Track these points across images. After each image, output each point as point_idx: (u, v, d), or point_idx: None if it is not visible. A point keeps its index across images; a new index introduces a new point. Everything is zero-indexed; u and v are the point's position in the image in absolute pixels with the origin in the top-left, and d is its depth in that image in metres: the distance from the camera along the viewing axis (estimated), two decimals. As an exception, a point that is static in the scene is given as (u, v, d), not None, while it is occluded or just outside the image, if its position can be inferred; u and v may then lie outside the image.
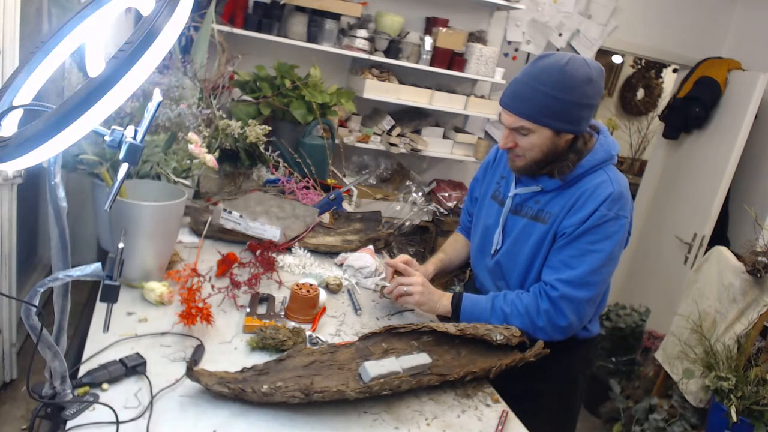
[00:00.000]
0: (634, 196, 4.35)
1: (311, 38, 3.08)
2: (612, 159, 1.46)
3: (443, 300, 1.52)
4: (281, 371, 1.13)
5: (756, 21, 3.86)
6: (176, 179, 1.63)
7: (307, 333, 1.35)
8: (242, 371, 1.11)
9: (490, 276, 1.61)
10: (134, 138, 0.78)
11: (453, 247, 1.82)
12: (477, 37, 3.48)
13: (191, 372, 1.05)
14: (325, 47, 3.06)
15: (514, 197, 1.53)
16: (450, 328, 1.33)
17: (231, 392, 1.05)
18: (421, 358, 1.24)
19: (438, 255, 1.81)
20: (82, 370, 1.07)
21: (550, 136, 1.38)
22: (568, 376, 1.61)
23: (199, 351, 1.20)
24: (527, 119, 1.36)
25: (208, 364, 1.19)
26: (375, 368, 1.16)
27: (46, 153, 0.71)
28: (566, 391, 1.63)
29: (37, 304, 0.87)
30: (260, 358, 1.25)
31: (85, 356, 1.12)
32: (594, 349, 1.71)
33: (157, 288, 1.36)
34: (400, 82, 3.33)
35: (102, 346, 1.16)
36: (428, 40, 3.26)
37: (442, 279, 3.63)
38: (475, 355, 1.35)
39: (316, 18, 3.06)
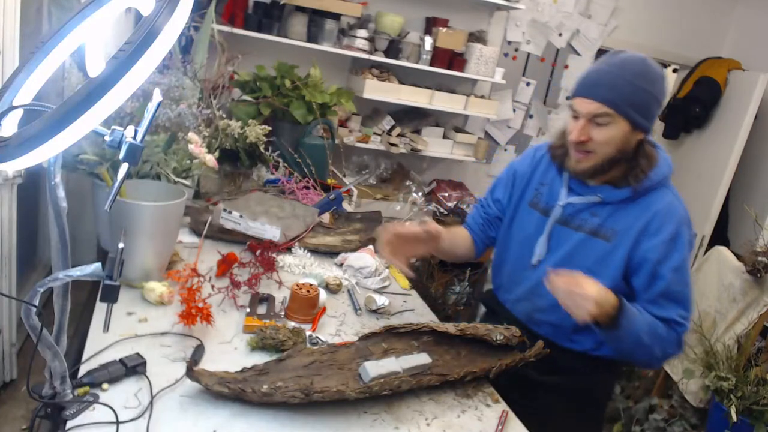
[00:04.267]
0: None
1: (311, 38, 3.08)
2: (671, 175, 1.38)
3: (608, 304, 1.24)
4: (281, 371, 1.13)
5: (756, 21, 3.86)
6: (176, 179, 1.63)
7: (307, 333, 1.35)
8: (242, 371, 1.11)
9: (528, 289, 1.47)
10: (134, 138, 0.78)
11: (456, 234, 1.63)
12: (477, 37, 3.48)
13: (191, 372, 1.05)
14: (325, 47, 3.06)
15: (565, 207, 1.42)
16: (450, 328, 1.33)
17: (231, 392, 1.05)
18: (421, 358, 1.23)
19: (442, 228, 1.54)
20: (82, 370, 1.07)
21: (627, 131, 1.29)
22: (588, 399, 1.50)
23: (199, 351, 1.20)
24: (610, 106, 1.27)
25: (208, 364, 1.19)
26: (375, 368, 1.16)
27: (46, 153, 0.71)
28: (584, 416, 1.52)
29: (37, 304, 0.87)
30: (260, 358, 1.25)
31: (85, 356, 1.12)
32: (616, 373, 1.60)
33: (157, 288, 1.36)
34: (400, 82, 3.33)
35: (102, 346, 1.16)
36: (428, 40, 3.26)
37: (442, 279, 3.64)
38: (474, 355, 1.35)
39: (316, 18, 3.07)
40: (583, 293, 1.20)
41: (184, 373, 1.07)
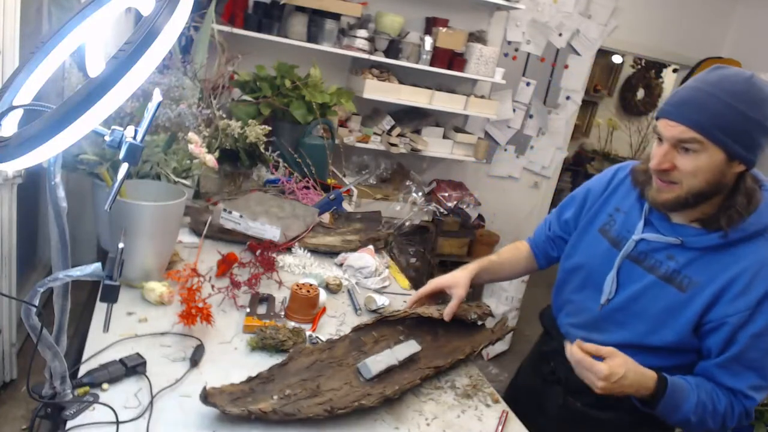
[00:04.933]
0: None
1: (311, 38, 3.08)
2: None
3: (642, 385, 1.14)
4: (286, 376, 1.13)
5: (756, 21, 3.87)
6: (176, 179, 1.63)
7: (307, 333, 1.35)
8: (248, 381, 1.09)
9: (588, 321, 1.34)
10: (134, 138, 0.78)
11: (512, 255, 1.57)
12: (477, 37, 3.48)
13: (206, 398, 1.00)
14: (325, 47, 3.06)
15: (639, 242, 1.25)
16: (434, 313, 1.40)
17: (251, 415, 1.01)
18: (412, 346, 1.29)
19: (489, 257, 1.55)
20: (82, 370, 1.07)
21: (720, 161, 1.08)
22: None
23: (199, 351, 1.20)
24: (698, 130, 1.07)
25: (208, 364, 1.19)
26: (374, 365, 1.18)
27: (46, 153, 0.71)
28: None
29: (37, 304, 0.87)
30: (260, 358, 1.25)
31: (85, 356, 1.12)
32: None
33: (157, 288, 1.36)
34: (400, 82, 3.33)
35: (102, 346, 1.16)
36: (428, 40, 3.26)
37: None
38: (451, 334, 1.42)
39: (316, 18, 3.07)
40: (594, 371, 1.11)
41: (200, 399, 1.00)
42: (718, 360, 1.17)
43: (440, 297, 1.49)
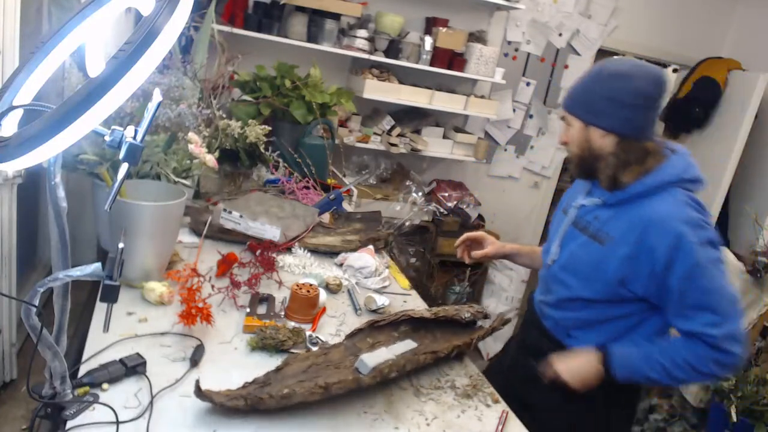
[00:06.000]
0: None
1: (311, 38, 3.08)
2: (680, 182, 1.31)
3: (591, 367, 1.34)
4: (282, 380, 1.12)
5: (756, 21, 3.87)
6: (176, 179, 1.63)
7: (307, 333, 1.35)
8: (244, 386, 1.09)
9: (542, 284, 1.56)
10: (134, 138, 0.78)
11: (535, 251, 1.74)
12: (477, 37, 3.48)
13: (200, 393, 1.01)
14: (325, 47, 3.06)
15: (579, 208, 1.46)
16: (425, 313, 1.41)
17: (247, 404, 1.02)
18: (408, 344, 1.30)
19: (528, 246, 1.78)
20: (82, 370, 1.07)
21: (580, 128, 1.36)
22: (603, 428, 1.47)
23: (199, 351, 1.20)
24: (566, 108, 1.39)
25: (208, 363, 1.19)
26: (371, 359, 1.18)
27: (46, 153, 0.71)
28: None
29: (37, 304, 0.87)
30: (260, 358, 1.25)
31: (85, 356, 1.12)
32: (636, 399, 1.55)
33: (157, 288, 1.36)
34: (400, 82, 3.33)
35: (102, 346, 1.16)
36: (428, 40, 3.26)
37: (442, 279, 3.64)
38: (449, 335, 1.43)
39: (316, 18, 3.07)
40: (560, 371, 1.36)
41: (194, 394, 1.01)
42: (671, 311, 1.31)
43: (480, 246, 1.72)
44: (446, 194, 3.59)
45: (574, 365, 1.36)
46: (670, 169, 1.32)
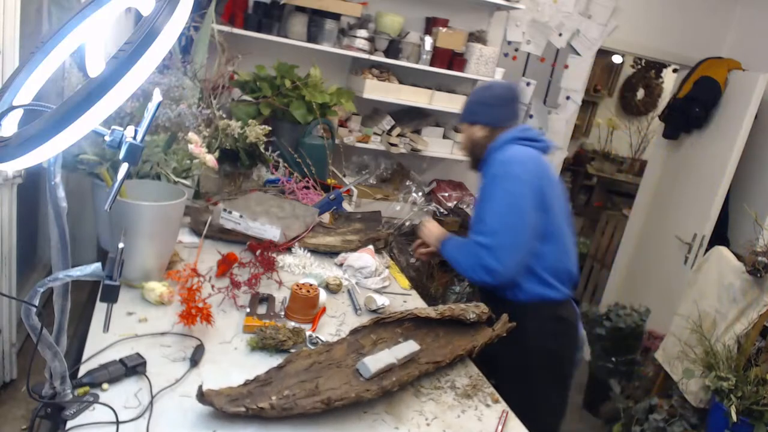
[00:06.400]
0: (633, 196, 4.36)
1: (311, 38, 3.08)
2: (516, 139, 1.79)
3: (439, 235, 1.93)
4: (284, 378, 1.12)
5: (756, 21, 3.86)
6: (176, 179, 1.63)
7: (307, 333, 1.35)
8: (245, 384, 1.09)
9: None
10: (134, 138, 0.78)
11: None
12: (477, 37, 3.48)
13: (203, 397, 1.01)
14: (325, 47, 3.06)
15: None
16: (431, 313, 1.40)
17: (248, 412, 1.02)
18: (411, 346, 1.29)
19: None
20: (82, 370, 1.07)
21: (466, 129, 1.91)
22: (519, 342, 1.64)
23: (199, 351, 1.20)
24: (458, 123, 1.94)
25: (208, 364, 1.19)
26: (373, 363, 1.17)
27: (46, 153, 0.71)
28: (520, 360, 1.74)
29: (37, 304, 0.87)
30: (260, 358, 1.25)
31: (85, 356, 1.12)
32: (550, 317, 1.80)
33: (157, 288, 1.36)
34: (400, 82, 3.33)
35: (102, 346, 1.16)
36: (428, 40, 3.26)
37: (442, 279, 3.63)
38: (451, 335, 1.42)
39: (316, 18, 3.06)
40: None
41: (196, 398, 1.01)
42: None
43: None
44: (446, 194, 3.59)
45: (433, 229, 1.95)
46: (507, 136, 1.81)
